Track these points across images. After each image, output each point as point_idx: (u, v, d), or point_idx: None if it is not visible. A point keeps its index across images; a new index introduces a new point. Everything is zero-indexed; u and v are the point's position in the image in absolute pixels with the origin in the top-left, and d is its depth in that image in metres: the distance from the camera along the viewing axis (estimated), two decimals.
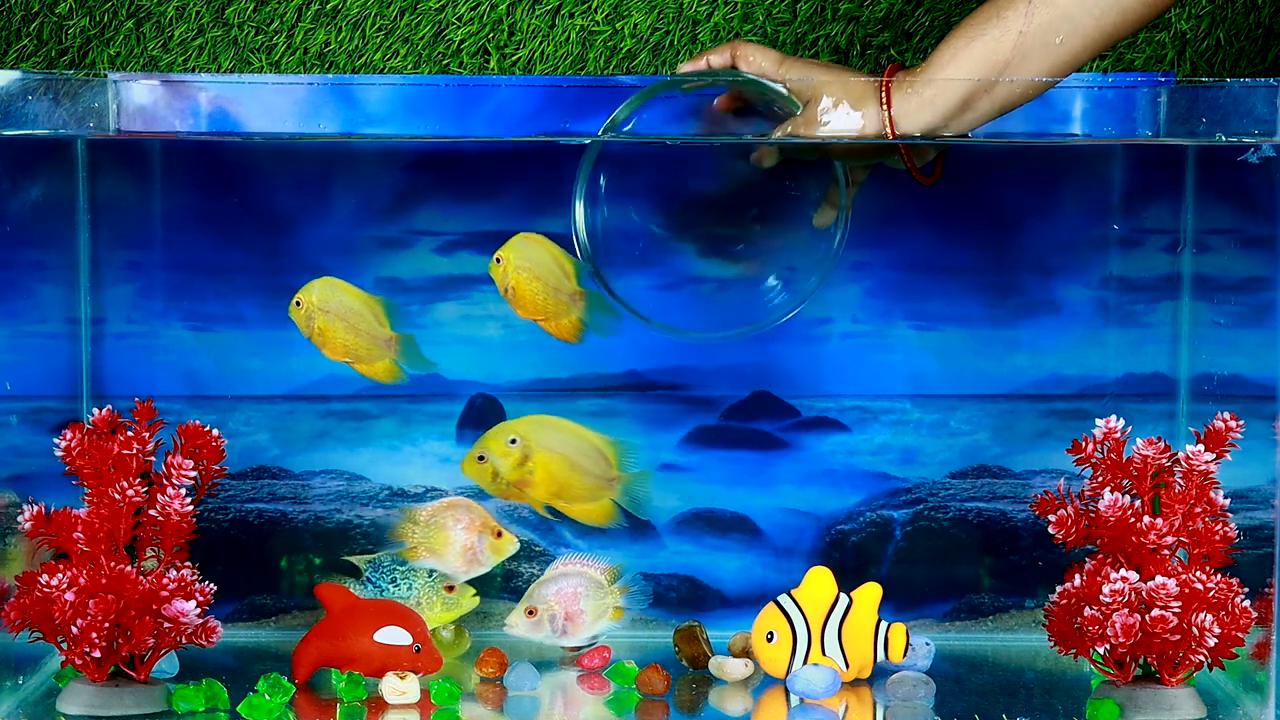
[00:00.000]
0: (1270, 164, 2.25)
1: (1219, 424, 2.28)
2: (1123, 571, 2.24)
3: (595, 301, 2.45)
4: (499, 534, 2.47)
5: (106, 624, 2.20)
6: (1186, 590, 2.23)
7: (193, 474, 2.28)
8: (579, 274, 2.44)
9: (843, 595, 2.34)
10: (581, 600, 2.42)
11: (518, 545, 2.48)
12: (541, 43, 2.59)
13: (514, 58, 2.60)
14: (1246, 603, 2.25)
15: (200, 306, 2.55)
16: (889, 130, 2.25)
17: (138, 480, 2.25)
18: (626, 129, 2.36)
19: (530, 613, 2.42)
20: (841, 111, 2.27)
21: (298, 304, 2.43)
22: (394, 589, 2.47)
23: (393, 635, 2.31)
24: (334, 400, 2.56)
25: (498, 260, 2.43)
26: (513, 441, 2.43)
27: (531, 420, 2.46)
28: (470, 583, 2.49)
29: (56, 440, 2.26)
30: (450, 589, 2.47)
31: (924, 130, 2.25)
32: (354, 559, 2.49)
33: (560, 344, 2.55)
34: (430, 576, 2.47)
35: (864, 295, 2.56)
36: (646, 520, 2.53)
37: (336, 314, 2.42)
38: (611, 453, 2.46)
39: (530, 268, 2.43)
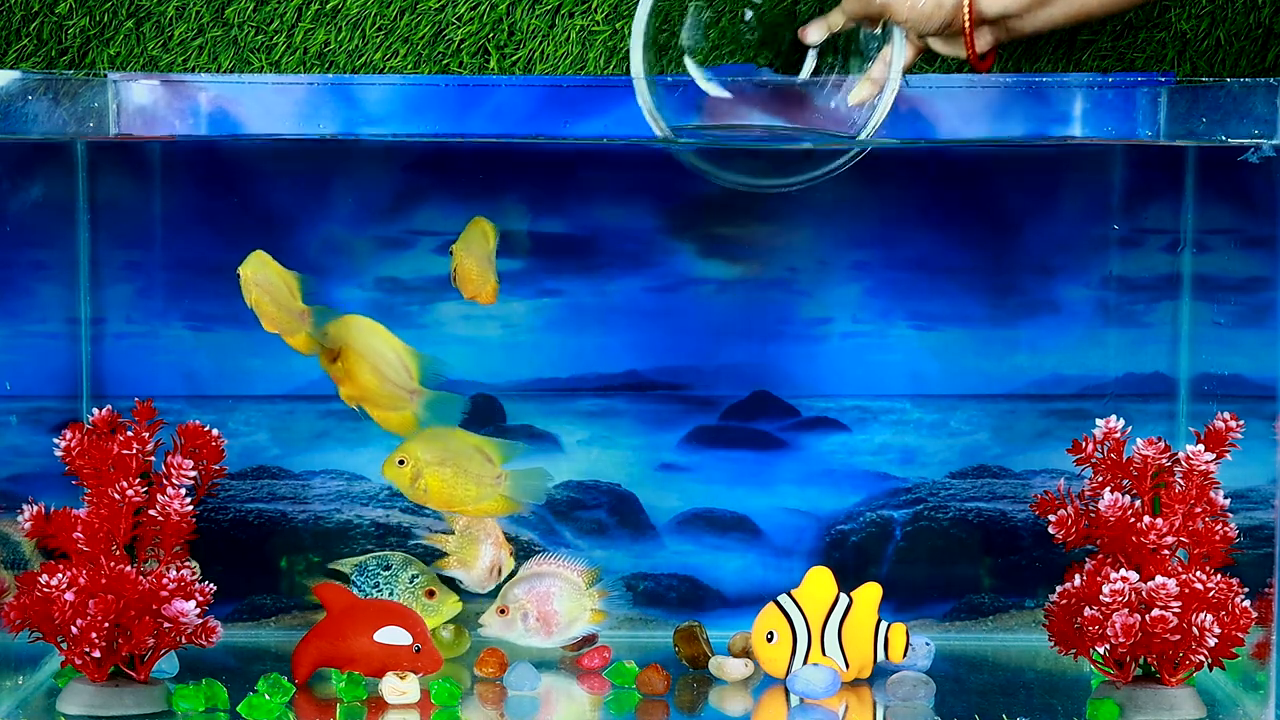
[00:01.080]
0: (1270, 164, 2.25)
1: (1219, 424, 2.28)
2: (1123, 571, 2.24)
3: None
4: (512, 552, 2.48)
5: (106, 624, 2.20)
6: (1186, 590, 2.23)
7: (193, 474, 2.28)
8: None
9: (843, 595, 2.34)
10: (555, 600, 2.41)
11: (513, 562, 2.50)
12: (541, 43, 2.59)
13: (514, 58, 2.60)
14: (1246, 603, 2.25)
15: (200, 306, 2.55)
16: (966, 9, 2.20)
17: (138, 480, 2.25)
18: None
19: (502, 611, 2.41)
20: None
21: (238, 275, 2.43)
22: (375, 593, 2.47)
23: (393, 635, 2.31)
24: (334, 400, 2.56)
25: (450, 251, 2.45)
26: (323, 335, 2.44)
27: (346, 321, 2.45)
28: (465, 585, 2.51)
29: (56, 440, 2.26)
30: (431, 594, 2.47)
31: (1001, 13, 2.19)
32: (340, 563, 2.49)
33: (561, 344, 2.55)
34: (412, 582, 2.47)
35: (864, 295, 2.56)
36: (450, 426, 2.48)
37: (263, 287, 2.42)
38: (413, 364, 2.44)
39: (463, 249, 2.44)
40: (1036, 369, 2.57)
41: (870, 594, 2.34)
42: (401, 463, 2.45)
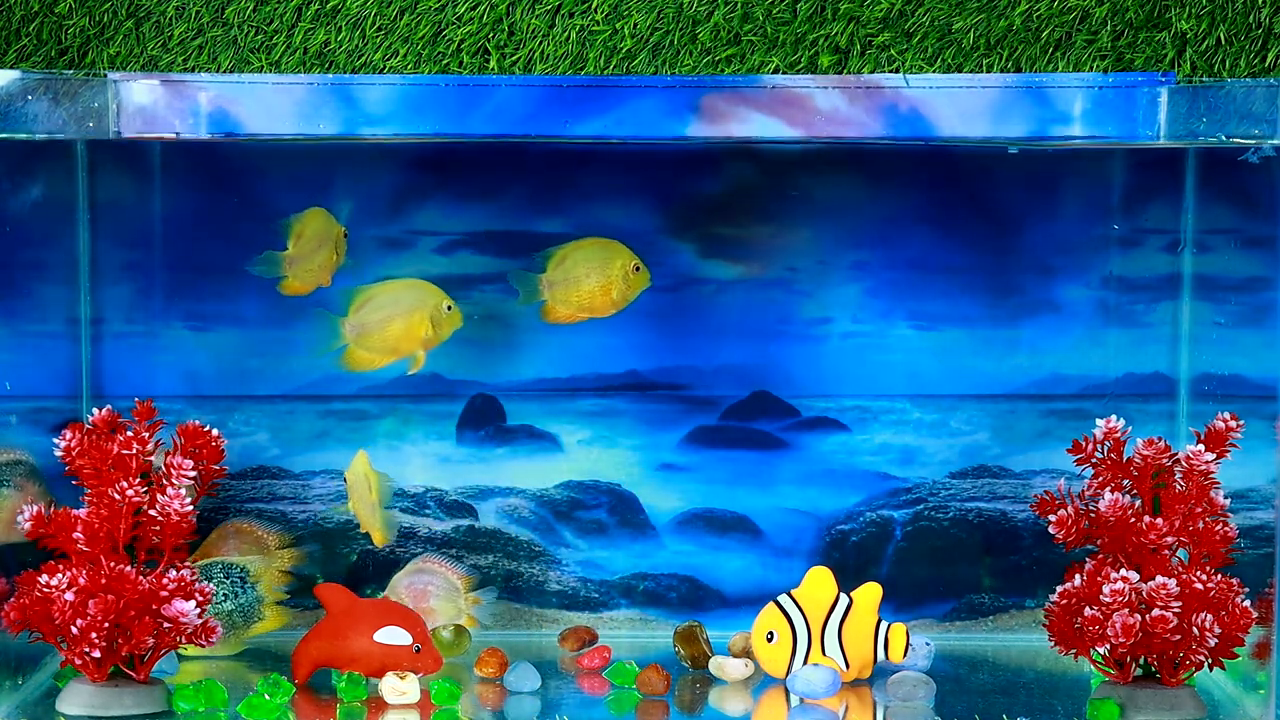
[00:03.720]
0: (1270, 164, 2.25)
1: (1219, 424, 2.28)
2: (1123, 571, 2.24)
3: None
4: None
5: (106, 624, 2.20)
6: (1187, 590, 2.23)
7: (193, 474, 2.28)
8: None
9: (843, 595, 2.34)
10: (431, 599, 2.44)
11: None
12: (541, 43, 2.59)
13: (514, 58, 2.60)
14: (1246, 603, 2.25)
15: (200, 306, 2.55)
16: None
17: (138, 480, 2.25)
18: None
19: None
20: None
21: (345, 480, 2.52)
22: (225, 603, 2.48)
23: (393, 635, 2.31)
24: (334, 400, 2.56)
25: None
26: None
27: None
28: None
29: (56, 440, 2.26)
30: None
31: None
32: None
33: (561, 344, 2.55)
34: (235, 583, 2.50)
35: (864, 295, 2.56)
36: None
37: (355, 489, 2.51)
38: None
39: (579, 263, 2.48)
40: (1036, 369, 2.57)
41: (870, 594, 2.34)
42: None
